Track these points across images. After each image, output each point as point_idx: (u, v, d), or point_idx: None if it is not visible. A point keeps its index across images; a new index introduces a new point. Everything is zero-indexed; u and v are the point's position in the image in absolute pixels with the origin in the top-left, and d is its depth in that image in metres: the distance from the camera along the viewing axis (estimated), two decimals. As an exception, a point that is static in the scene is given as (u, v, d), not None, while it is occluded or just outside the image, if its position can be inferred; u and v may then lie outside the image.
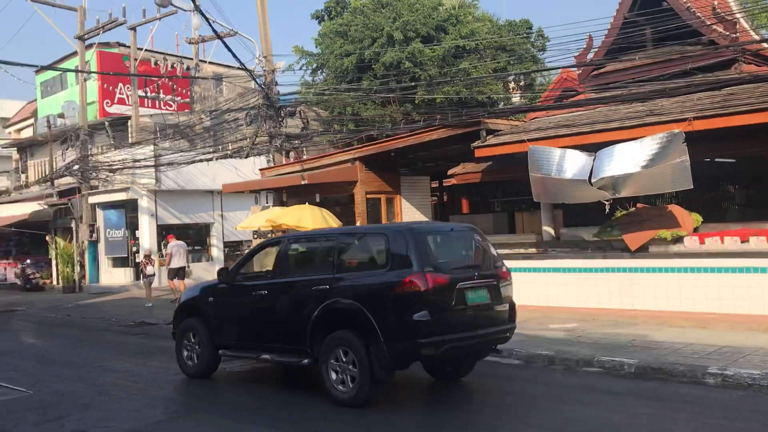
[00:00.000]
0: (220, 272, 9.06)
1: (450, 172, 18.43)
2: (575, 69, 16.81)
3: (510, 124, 14.66)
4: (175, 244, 18.83)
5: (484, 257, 7.98)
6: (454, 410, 6.90)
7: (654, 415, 6.45)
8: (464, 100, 24.75)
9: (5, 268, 29.72)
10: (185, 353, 9.11)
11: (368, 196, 15.80)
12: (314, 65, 29.19)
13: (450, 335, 6.88)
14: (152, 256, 19.75)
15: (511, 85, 29.61)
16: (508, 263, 13.19)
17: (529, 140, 12.52)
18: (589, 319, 11.38)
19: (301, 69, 29.45)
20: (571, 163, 11.79)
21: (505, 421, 6.37)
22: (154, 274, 19.41)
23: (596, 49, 15.87)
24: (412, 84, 22.95)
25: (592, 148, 11.82)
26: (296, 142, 19.75)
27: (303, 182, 15.23)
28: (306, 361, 7.53)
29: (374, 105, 26.28)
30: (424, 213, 17.19)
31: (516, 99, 27.93)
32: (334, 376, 7.17)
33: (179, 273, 18.62)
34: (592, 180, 11.48)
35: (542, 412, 6.71)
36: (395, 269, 7.03)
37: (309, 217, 14.56)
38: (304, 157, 20.25)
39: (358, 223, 15.48)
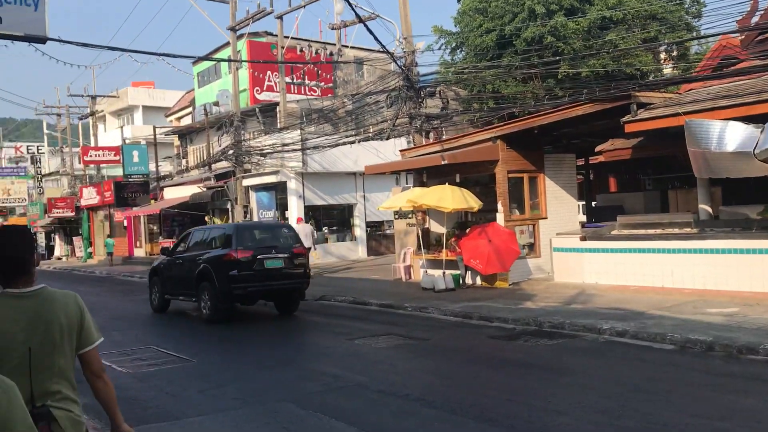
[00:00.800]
0: (163, 250, 16.24)
1: (597, 148, 17.71)
2: (737, 35, 15.52)
3: (663, 96, 13.81)
4: (298, 228, 20.27)
5: (285, 241, 13.49)
6: (612, 399, 6.68)
7: (831, 409, 5.90)
8: (611, 73, 23.60)
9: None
10: (152, 298, 15.15)
11: (510, 175, 15.52)
12: (453, 44, 28.97)
13: (251, 284, 12.58)
14: None
15: (663, 55, 27.83)
16: (660, 244, 12.75)
17: (685, 113, 11.72)
18: (753, 304, 10.55)
19: (440, 49, 29.35)
20: (734, 136, 10.90)
21: (660, 409, 6.08)
22: None
23: (762, 12, 14.56)
24: (556, 59, 22.20)
25: (757, 120, 10.88)
26: (436, 122, 19.79)
27: (443, 162, 15.21)
28: (194, 299, 13.34)
29: (515, 82, 25.70)
30: (569, 192, 16.63)
31: (668, 70, 26.25)
32: (205, 310, 12.80)
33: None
34: (756, 151, 10.57)
35: (701, 400, 6.33)
36: (225, 248, 12.84)
37: (449, 197, 14.56)
38: (444, 137, 20.24)
39: (499, 204, 15.30)
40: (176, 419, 6.56)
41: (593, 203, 20.18)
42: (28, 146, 61.60)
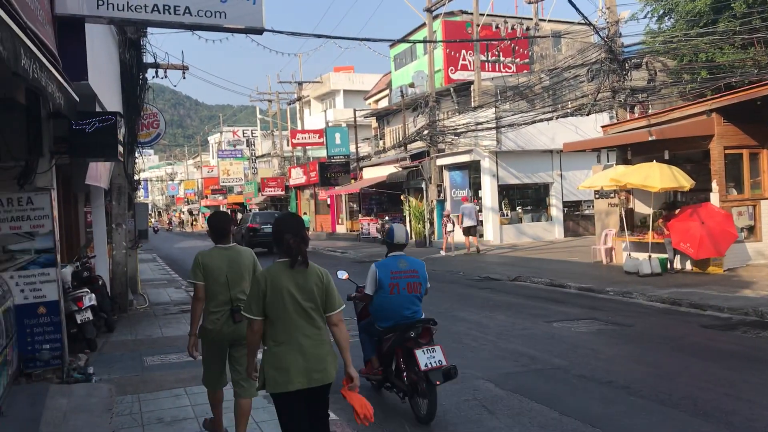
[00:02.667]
0: (234, 221, 29.56)
1: (834, 120, 15.60)
2: None
3: None
4: (464, 207, 22.32)
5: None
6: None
7: None
8: None
9: (368, 224, 33.68)
10: None
11: (727, 151, 14.21)
12: (661, 11, 26.93)
13: (259, 238, 27.36)
14: (451, 215, 23.39)
15: None
16: None
17: None
18: None
19: (645, 17, 27.44)
20: None
21: None
22: (452, 230, 22.56)
23: None
24: (784, 20, 19.81)
25: None
26: (641, 95, 18.62)
27: (650, 138, 14.27)
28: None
29: (733, 49, 23.35)
30: (798, 169, 14.87)
31: None
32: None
33: (471, 231, 21.93)
34: None
35: None
36: (249, 223, 30.11)
37: (657, 176, 13.66)
38: (651, 111, 18.97)
39: (714, 183, 14.08)
40: (380, 389, 6.86)
41: (828, 182, 17.87)
42: (243, 130, 67.28)
